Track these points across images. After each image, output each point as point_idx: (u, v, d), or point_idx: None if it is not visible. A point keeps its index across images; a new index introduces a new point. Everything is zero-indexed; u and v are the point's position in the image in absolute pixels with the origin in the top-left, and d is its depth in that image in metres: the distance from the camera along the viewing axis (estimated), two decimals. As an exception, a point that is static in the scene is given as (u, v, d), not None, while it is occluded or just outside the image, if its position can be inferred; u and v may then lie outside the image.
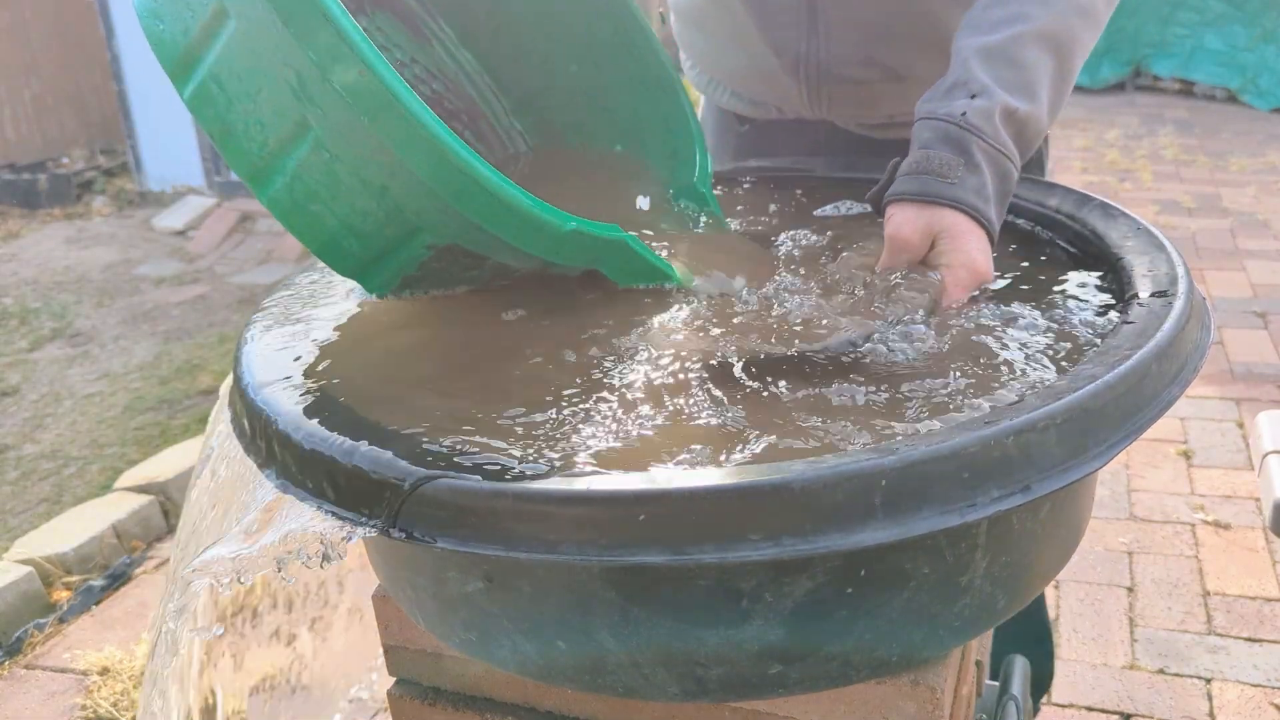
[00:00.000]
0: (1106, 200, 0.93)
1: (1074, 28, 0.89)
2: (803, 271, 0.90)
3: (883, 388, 0.69)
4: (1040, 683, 1.57)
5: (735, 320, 0.80)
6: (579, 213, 0.77)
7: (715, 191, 1.02)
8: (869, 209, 0.94)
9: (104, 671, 1.96)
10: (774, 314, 0.81)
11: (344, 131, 0.70)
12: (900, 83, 1.13)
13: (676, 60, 1.24)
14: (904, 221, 0.84)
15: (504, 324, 0.82)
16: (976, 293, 0.84)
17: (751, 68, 1.20)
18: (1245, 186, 4.84)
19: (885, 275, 0.84)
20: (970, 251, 0.82)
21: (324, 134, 0.71)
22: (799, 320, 0.79)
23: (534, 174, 1.06)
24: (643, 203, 0.98)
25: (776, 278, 0.87)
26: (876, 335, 0.75)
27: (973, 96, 0.85)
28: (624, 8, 1.01)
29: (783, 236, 0.98)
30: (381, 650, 0.85)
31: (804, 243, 0.96)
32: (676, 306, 0.83)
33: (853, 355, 0.74)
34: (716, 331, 0.78)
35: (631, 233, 0.82)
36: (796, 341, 0.76)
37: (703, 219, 0.99)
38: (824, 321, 0.78)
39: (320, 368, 0.76)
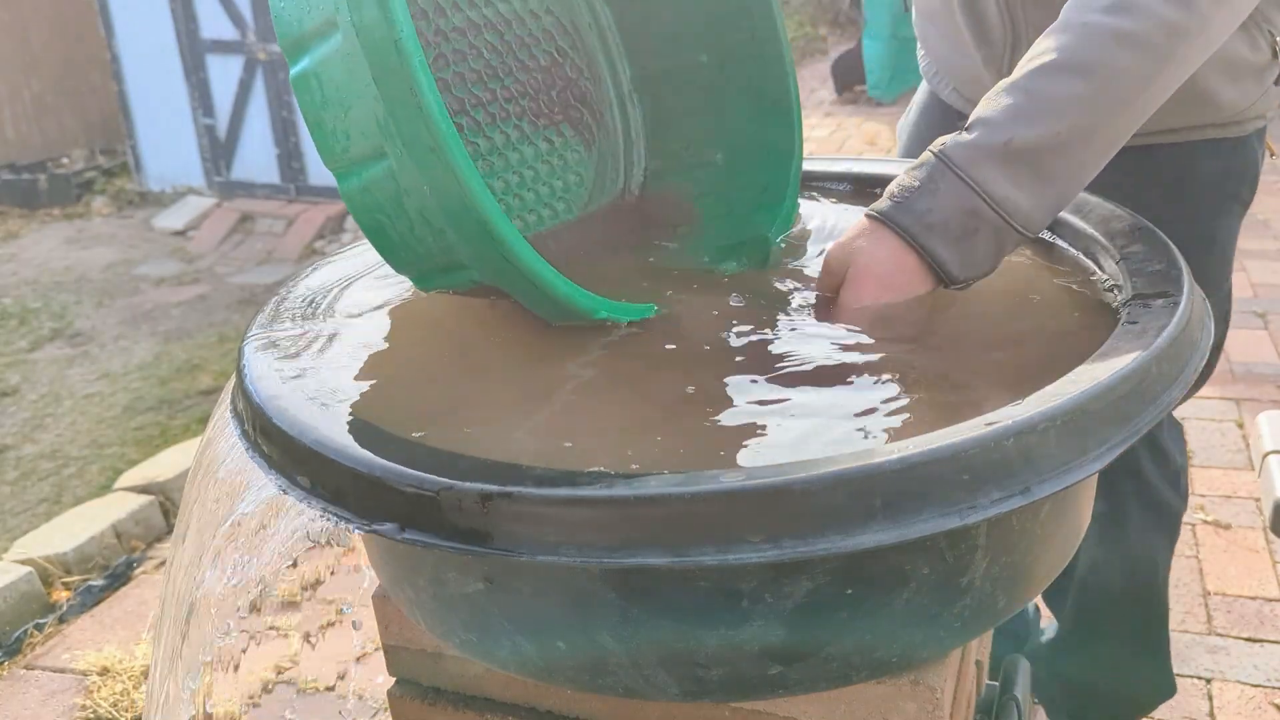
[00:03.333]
0: (1107, 200, 0.93)
1: (1109, 53, 0.81)
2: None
3: (882, 387, 0.69)
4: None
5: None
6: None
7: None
8: None
9: (104, 671, 1.96)
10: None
11: (414, 177, 0.72)
12: None
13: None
14: (837, 247, 0.83)
15: (511, 323, 0.82)
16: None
17: (969, 72, 1.23)
18: (1245, 186, 4.84)
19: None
20: (875, 257, 0.81)
21: (397, 169, 0.73)
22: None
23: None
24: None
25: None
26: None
27: (967, 130, 0.81)
28: (766, 12, 0.95)
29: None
30: (382, 650, 0.85)
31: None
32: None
33: (837, 361, 0.74)
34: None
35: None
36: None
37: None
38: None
39: (319, 368, 0.76)
